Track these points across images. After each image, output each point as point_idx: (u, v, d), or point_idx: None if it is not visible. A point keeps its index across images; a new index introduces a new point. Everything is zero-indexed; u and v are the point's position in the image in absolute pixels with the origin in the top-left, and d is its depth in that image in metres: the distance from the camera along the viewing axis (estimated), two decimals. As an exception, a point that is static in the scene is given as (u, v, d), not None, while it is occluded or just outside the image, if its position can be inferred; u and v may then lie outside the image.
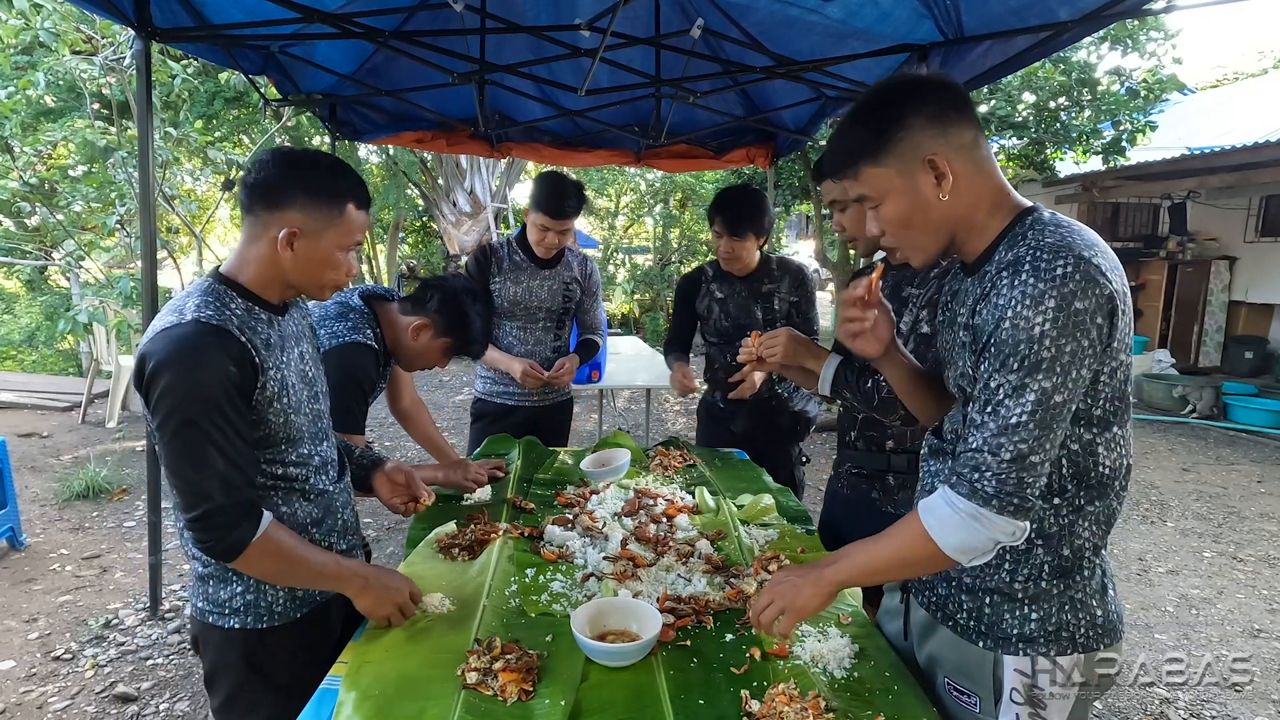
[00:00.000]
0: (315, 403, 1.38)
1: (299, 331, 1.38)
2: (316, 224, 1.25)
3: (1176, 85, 7.67)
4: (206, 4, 2.78)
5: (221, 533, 1.17)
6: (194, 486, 1.15)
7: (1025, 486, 0.96)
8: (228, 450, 1.16)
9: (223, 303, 1.22)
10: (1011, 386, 0.95)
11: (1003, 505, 0.96)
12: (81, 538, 3.95)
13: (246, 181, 1.25)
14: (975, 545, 0.99)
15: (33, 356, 9.20)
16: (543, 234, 2.54)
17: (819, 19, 2.80)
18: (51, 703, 2.55)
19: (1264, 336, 8.75)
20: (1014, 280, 0.96)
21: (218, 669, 1.35)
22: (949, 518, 1.00)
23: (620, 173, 13.24)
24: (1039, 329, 0.93)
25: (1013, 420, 0.95)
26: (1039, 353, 0.93)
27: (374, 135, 4.18)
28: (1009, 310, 0.95)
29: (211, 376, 1.14)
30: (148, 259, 2.88)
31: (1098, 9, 2.19)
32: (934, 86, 1.05)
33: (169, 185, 6.48)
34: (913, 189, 1.04)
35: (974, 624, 1.13)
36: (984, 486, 0.97)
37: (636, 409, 7.36)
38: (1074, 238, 0.98)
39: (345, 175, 1.30)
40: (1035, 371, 0.94)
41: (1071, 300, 0.93)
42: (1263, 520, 4.58)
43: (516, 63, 2.94)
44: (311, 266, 1.27)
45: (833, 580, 1.13)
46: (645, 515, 1.94)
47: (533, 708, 1.14)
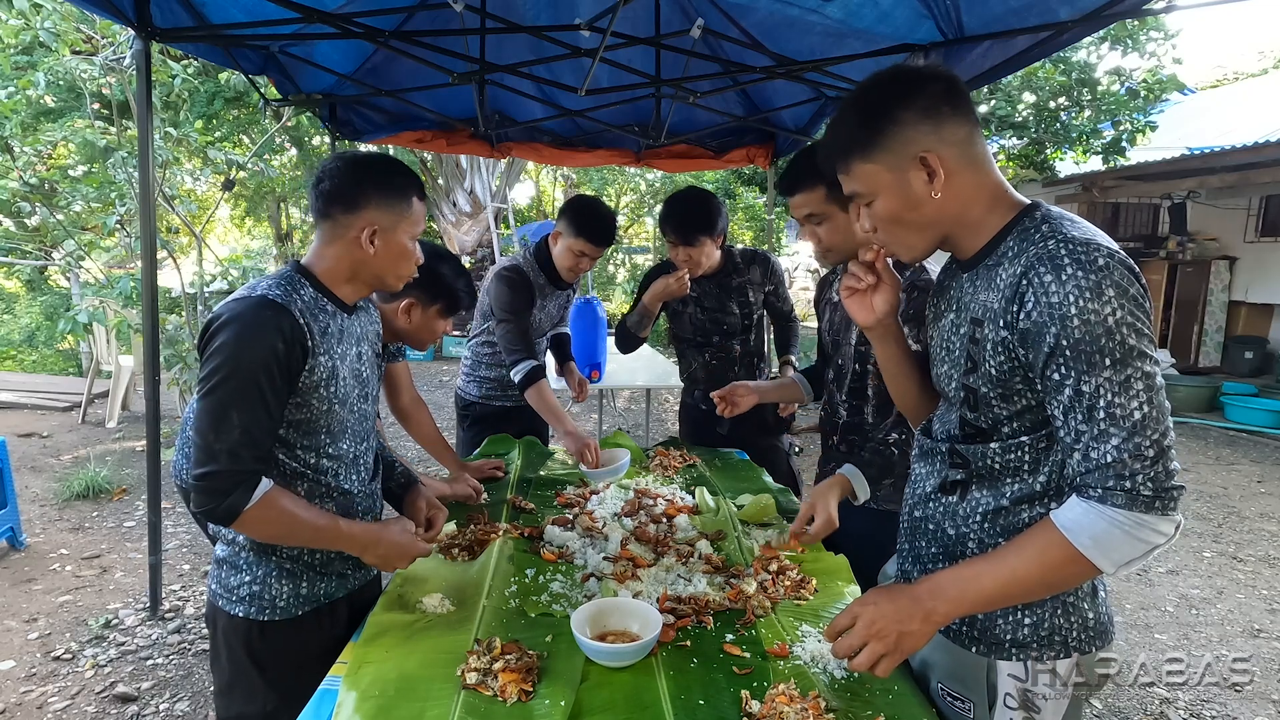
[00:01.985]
0: (364, 403, 1.44)
1: (363, 334, 1.46)
2: (391, 219, 1.35)
3: (1176, 85, 7.68)
4: (206, 4, 2.78)
5: (217, 497, 1.20)
6: (207, 445, 1.19)
7: (1174, 475, 0.91)
8: (247, 420, 1.20)
9: (293, 287, 1.30)
10: (1115, 384, 0.90)
11: (1165, 505, 0.90)
12: (81, 538, 3.95)
13: (322, 190, 1.33)
14: (1138, 554, 0.93)
15: (33, 356, 9.20)
16: (578, 259, 2.43)
17: (819, 19, 2.80)
18: (51, 703, 2.55)
19: (1264, 336, 8.74)
20: (1059, 276, 0.92)
21: (221, 651, 1.40)
22: (1109, 534, 0.91)
23: (620, 173, 13.25)
24: (1112, 319, 0.90)
25: (1137, 416, 0.90)
26: (1125, 338, 0.90)
27: (374, 135, 4.18)
28: (1072, 307, 0.91)
29: (259, 347, 1.21)
30: (148, 259, 2.88)
31: (1098, 9, 2.18)
32: (927, 79, 1.02)
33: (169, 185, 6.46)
34: (904, 185, 1.02)
35: (968, 630, 1.12)
36: (1144, 492, 0.90)
37: (636, 409, 7.36)
38: (1089, 233, 0.96)
39: (407, 173, 1.40)
40: (1130, 359, 0.90)
41: (1126, 287, 0.91)
42: (1263, 520, 4.58)
43: (516, 63, 2.94)
44: (391, 258, 1.37)
45: (947, 615, 1.02)
46: (645, 515, 1.94)
47: (533, 708, 1.14)
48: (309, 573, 1.39)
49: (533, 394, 2.35)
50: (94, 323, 5.78)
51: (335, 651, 1.33)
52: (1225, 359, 8.94)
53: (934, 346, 1.18)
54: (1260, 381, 7.98)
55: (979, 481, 1.09)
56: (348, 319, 1.39)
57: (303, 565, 1.38)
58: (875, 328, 1.23)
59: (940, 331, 1.15)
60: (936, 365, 1.16)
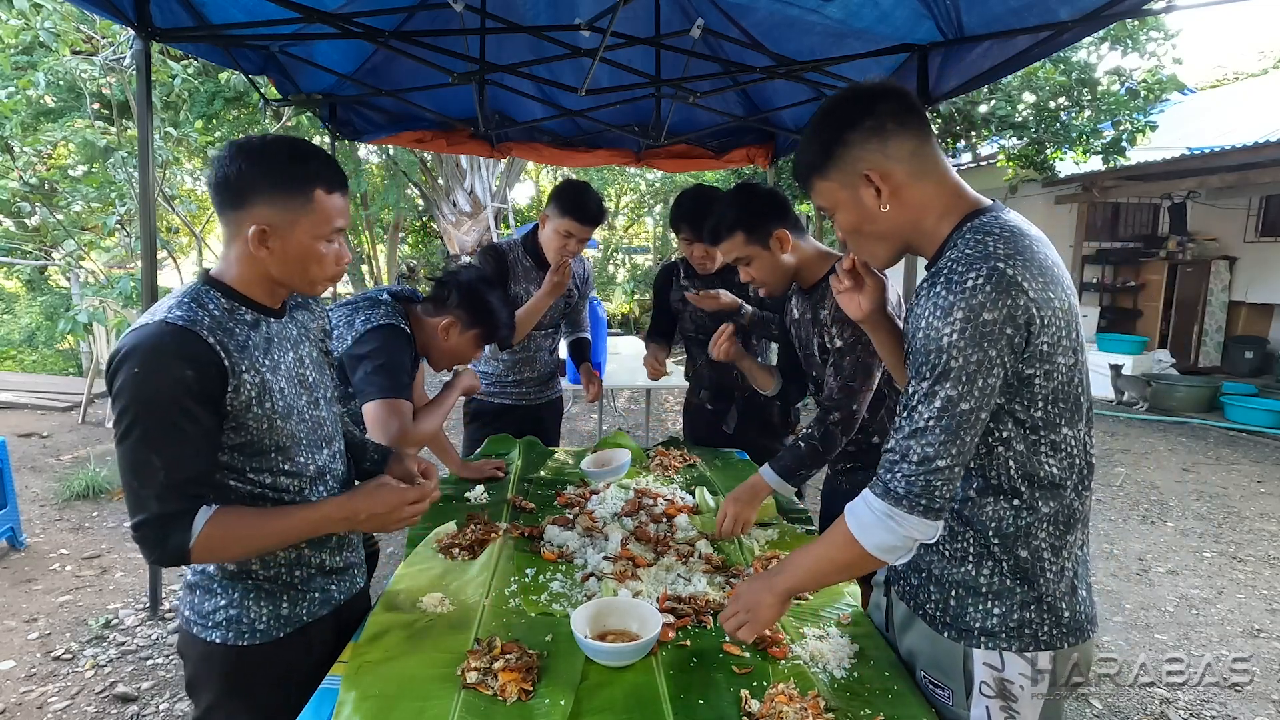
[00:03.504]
0: (316, 409, 1.31)
1: (301, 334, 1.32)
2: (286, 217, 1.16)
3: (1176, 85, 7.67)
4: (206, 4, 2.79)
5: (156, 546, 1.10)
6: (134, 494, 1.10)
7: (933, 489, 1.00)
8: (169, 459, 1.09)
9: (199, 304, 1.15)
10: (923, 393, 1.00)
11: (912, 505, 1.01)
12: (81, 538, 3.95)
13: (210, 181, 1.16)
14: (893, 544, 1.04)
15: (33, 356, 9.20)
16: (565, 240, 2.44)
17: (819, 19, 2.81)
18: (51, 703, 2.55)
19: (1264, 336, 8.75)
20: (930, 292, 1.01)
21: (197, 681, 1.30)
22: (867, 518, 1.06)
23: (620, 173, 13.25)
24: (947, 339, 0.97)
25: (920, 424, 1.00)
26: (947, 362, 0.97)
27: (374, 135, 4.19)
28: (923, 321, 1.00)
29: (164, 379, 1.08)
30: (148, 259, 2.88)
31: (1098, 9, 2.19)
32: (877, 98, 1.08)
33: (169, 185, 6.48)
34: (857, 201, 1.10)
35: (940, 615, 1.15)
36: (895, 487, 1.02)
37: (636, 409, 7.36)
38: (995, 246, 0.99)
39: (308, 159, 1.18)
40: (944, 379, 0.98)
41: (980, 311, 0.96)
42: (1263, 520, 4.58)
43: (516, 63, 2.94)
44: (292, 263, 1.19)
45: (783, 589, 1.19)
46: (645, 515, 1.94)
47: (532, 708, 1.14)
48: (289, 592, 1.28)
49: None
50: (94, 323, 5.79)
51: (319, 672, 1.26)
52: (1225, 359, 8.95)
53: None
54: (1260, 381, 7.99)
55: None
56: (276, 324, 1.25)
57: (281, 585, 1.27)
58: (866, 321, 1.36)
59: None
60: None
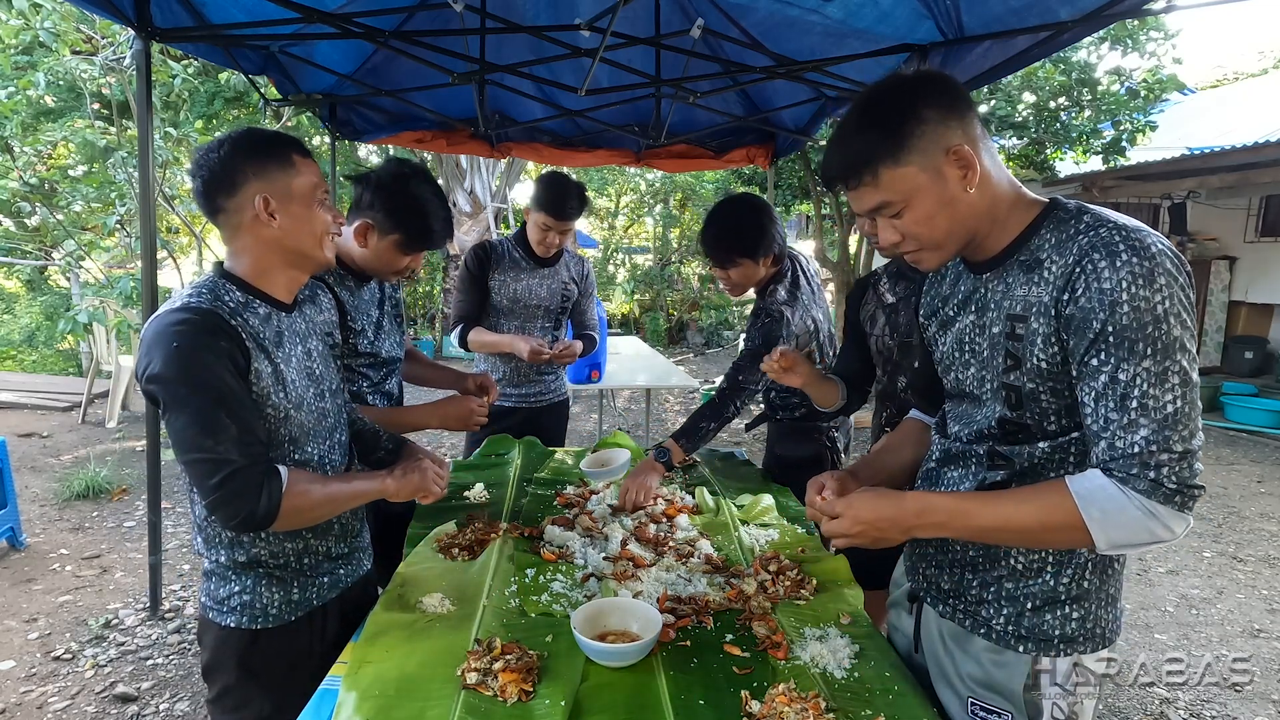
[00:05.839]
0: (322, 400, 1.37)
1: (309, 329, 1.38)
2: (279, 184, 1.24)
3: (1176, 85, 7.66)
4: (206, 4, 2.79)
5: (249, 499, 1.14)
6: (211, 455, 1.13)
7: (1197, 475, 0.91)
8: (236, 415, 1.15)
9: (216, 294, 1.22)
10: (1152, 375, 0.89)
11: (1183, 502, 0.90)
12: (81, 538, 3.95)
13: (197, 190, 1.23)
14: (1138, 541, 0.93)
15: (33, 356, 9.19)
16: (544, 233, 2.55)
17: (819, 19, 2.80)
18: (51, 703, 2.55)
19: (1264, 336, 8.74)
20: (1114, 262, 0.90)
21: (213, 663, 1.36)
22: (1121, 513, 0.92)
23: (620, 173, 13.25)
24: (1161, 308, 0.89)
25: (1169, 410, 0.89)
26: (1169, 331, 0.89)
27: (374, 135, 4.19)
28: (1124, 294, 0.89)
29: (207, 349, 1.14)
30: (148, 259, 2.88)
31: (1098, 9, 2.18)
32: (938, 78, 1.02)
33: (169, 185, 6.47)
34: (940, 184, 0.99)
35: (1013, 629, 1.10)
36: (1166, 483, 0.90)
37: (636, 409, 7.36)
38: (1125, 220, 0.95)
39: (275, 135, 1.28)
40: (1170, 352, 0.89)
41: (1176, 275, 0.91)
42: (1263, 520, 4.58)
43: (516, 63, 2.94)
44: (300, 224, 1.26)
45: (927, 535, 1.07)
46: (645, 515, 1.94)
47: (533, 708, 1.14)
48: (299, 578, 1.36)
49: (474, 344, 2.62)
50: (94, 323, 5.78)
51: (330, 654, 1.32)
52: (1225, 359, 8.94)
53: (946, 352, 1.17)
54: (1260, 381, 7.98)
55: (1019, 481, 1.08)
56: (287, 318, 1.31)
57: (291, 571, 1.35)
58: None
59: (956, 336, 1.14)
60: (957, 369, 1.15)
